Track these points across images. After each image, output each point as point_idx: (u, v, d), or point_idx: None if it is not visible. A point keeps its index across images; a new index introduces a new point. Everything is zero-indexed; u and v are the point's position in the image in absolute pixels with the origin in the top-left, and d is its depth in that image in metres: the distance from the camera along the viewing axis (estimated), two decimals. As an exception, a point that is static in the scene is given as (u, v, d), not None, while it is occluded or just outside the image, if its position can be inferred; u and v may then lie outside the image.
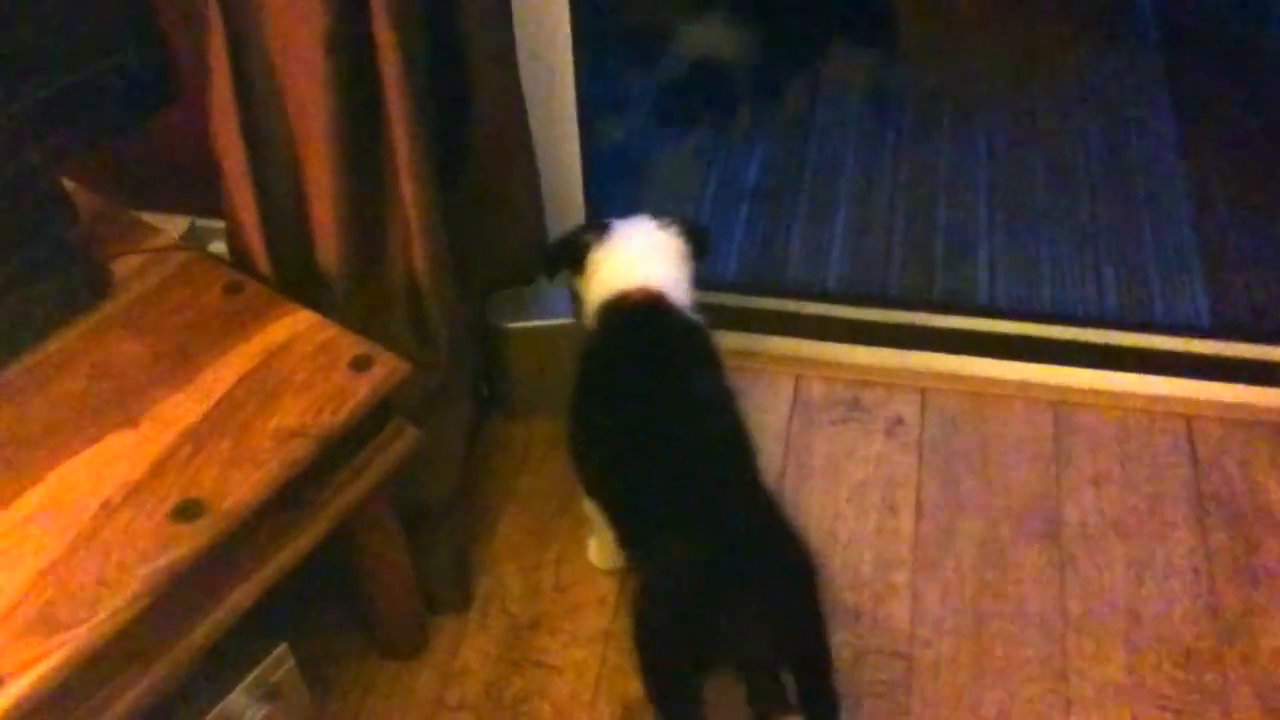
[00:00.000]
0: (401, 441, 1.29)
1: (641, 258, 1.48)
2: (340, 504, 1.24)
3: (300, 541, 1.21)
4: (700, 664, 1.24)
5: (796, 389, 1.84)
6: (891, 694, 1.46)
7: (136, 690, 1.09)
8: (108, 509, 1.09)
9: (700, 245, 1.53)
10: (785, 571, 1.24)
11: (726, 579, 1.20)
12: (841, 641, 1.51)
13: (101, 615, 1.02)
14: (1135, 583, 1.57)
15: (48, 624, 1.01)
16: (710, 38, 2.41)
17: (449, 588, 1.55)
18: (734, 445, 1.33)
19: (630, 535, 1.38)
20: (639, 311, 1.42)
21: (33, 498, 1.11)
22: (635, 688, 1.47)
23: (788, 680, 1.28)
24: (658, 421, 1.33)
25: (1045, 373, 1.83)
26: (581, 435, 1.45)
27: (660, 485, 1.29)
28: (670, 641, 1.25)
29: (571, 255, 1.51)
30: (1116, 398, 1.80)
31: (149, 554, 1.06)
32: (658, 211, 1.55)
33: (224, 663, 1.25)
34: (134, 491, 1.11)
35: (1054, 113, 2.43)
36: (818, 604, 1.25)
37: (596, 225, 1.53)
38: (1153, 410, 1.78)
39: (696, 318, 1.45)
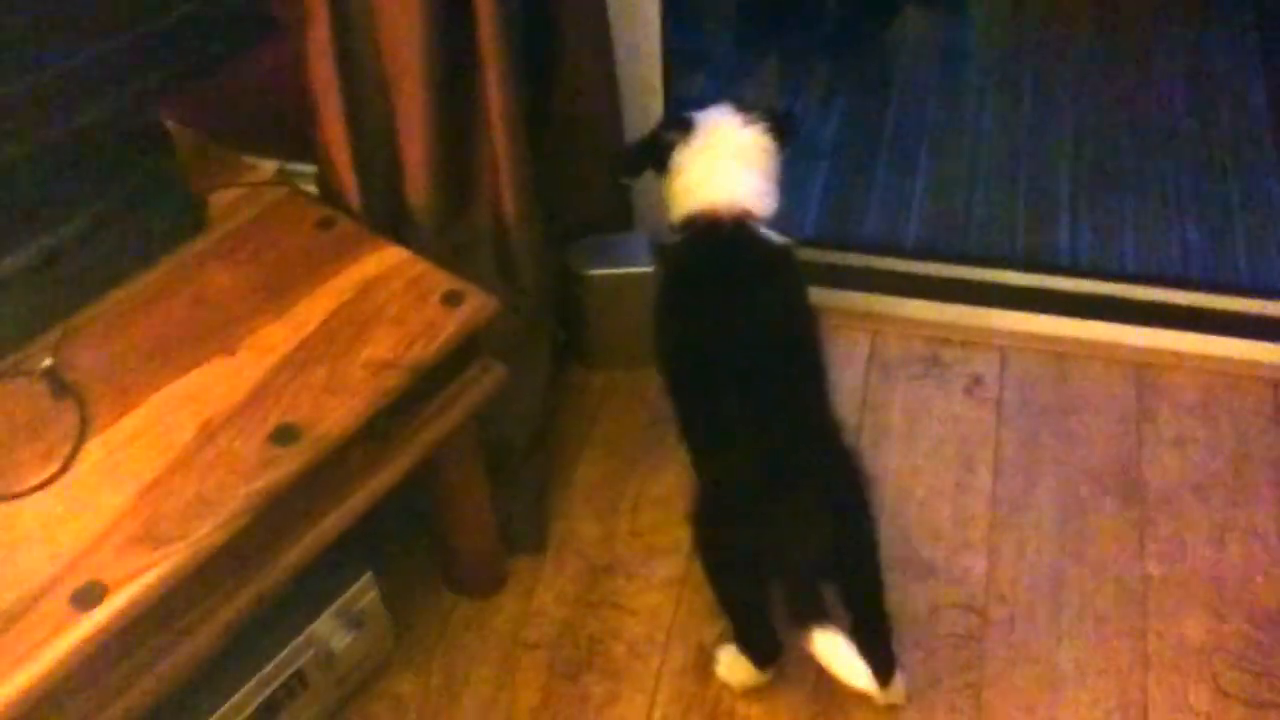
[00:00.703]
0: (488, 378, 1.31)
1: (728, 163, 1.43)
2: (427, 437, 1.26)
3: (388, 471, 1.23)
4: (751, 566, 1.27)
5: (873, 345, 1.83)
6: (966, 646, 1.46)
7: (232, 607, 1.12)
8: (208, 431, 1.12)
9: (787, 134, 1.48)
10: (835, 479, 1.27)
11: (775, 483, 1.22)
12: (917, 594, 1.51)
13: (202, 531, 1.05)
14: (1216, 545, 1.55)
15: (151, 538, 1.04)
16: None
17: (527, 529, 1.57)
18: (805, 363, 1.35)
19: (696, 440, 1.39)
20: (725, 236, 1.40)
21: (134, 420, 1.14)
22: (709, 632, 1.49)
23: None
24: (734, 335, 1.34)
25: (1127, 333, 1.81)
26: (663, 340, 1.46)
27: (728, 394, 1.30)
28: (722, 542, 1.29)
29: (654, 155, 1.47)
30: (1200, 360, 1.78)
31: (248, 475, 1.09)
32: (741, 102, 1.48)
33: (312, 588, 1.28)
34: (233, 415, 1.14)
35: (1140, 73, 2.39)
36: (867, 515, 1.28)
37: (679, 121, 1.47)
38: (1237, 373, 1.76)
39: (782, 240, 1.43)
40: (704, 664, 1.46)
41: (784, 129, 1.48)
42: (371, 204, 1.38)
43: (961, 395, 1.76)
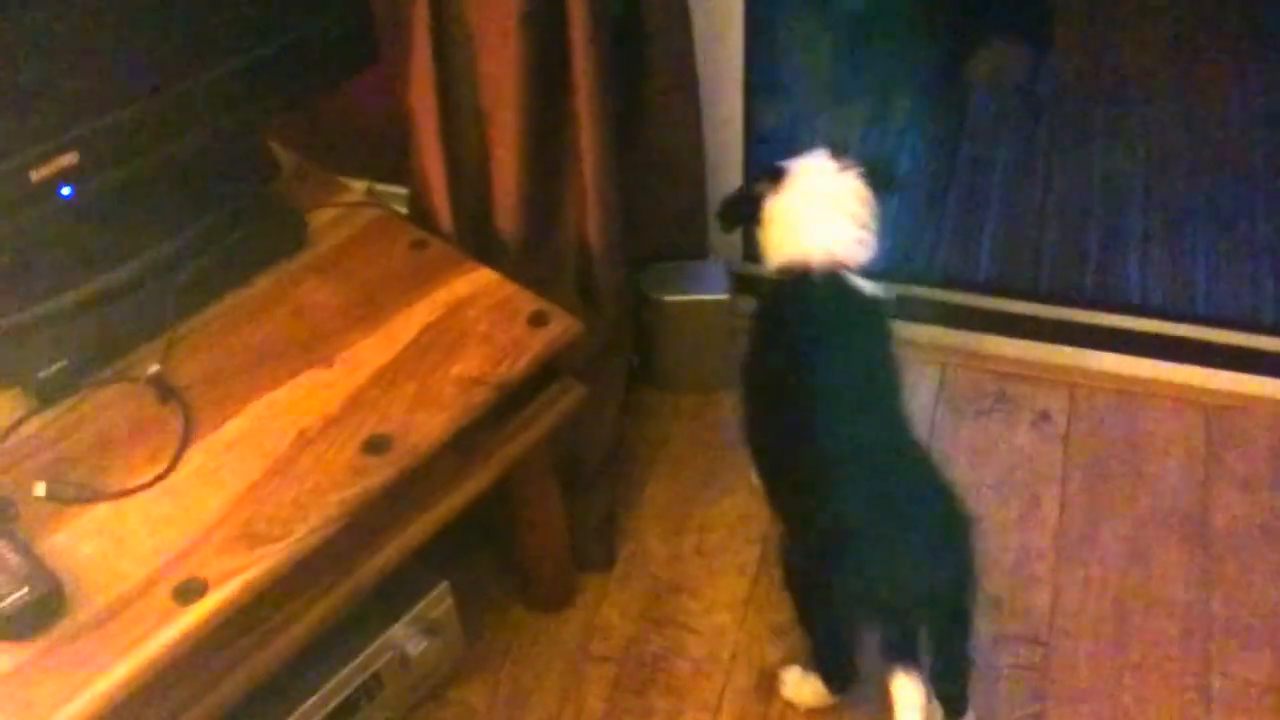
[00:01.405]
0: (569, 398, 1.35)
1: (818, 213, 1.44)
2: (509, 452, 1.31)
3: (471, 484, 1.28)
4: (852, 607, 1.28)
5: (943, 378, 1.86)
6: (1028, 679, 1.48)
7: (320, 608, 1.17)
8: (304, 439, 1.18)
9: (884, 182, 1.48)
10: (941, 522, 1.27)
11: (884, 527, 1.23)
12: (980, 626, 1.52)
13: (297, 535, 1.10)
14: (1292, 590, 1.55)
15: (249, 539, 1.09)
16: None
17: (597, 546, 1.61)
18: (893, 409, 1.36)
19: (786, 483, 1.41)
20: (817, 286, 1.41)
21: (235, 426, 1.20)
22: (773, 653, 1.52)
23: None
24: (826, 384, 1.36)
25: (1197, 375, 1.81)
26: (751, 382, 1.48)
27: (825, 439, 1.32)
28: (822, 584, 1.29)
29: (747, 207, 1.49)
30: (1270, 404, 1.78)
31: (341, 482, 1.14)
32: (836, 147, 1.49)
33: (391, 595, 1.33)
34: (328, 425, 1.19)
35: (1216, 114, 2.38)
36: (970, 558, 1.27)
37: (770, 171, 1.48)
38: (1311, 419, 1.76)
39: (874, 292, 1.44)
40: (767, 684, 1.49)
41: (879, 176, 1.48)
42: (462, 227, 1.44)
43: (1029, 430, 1.77)
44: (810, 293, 1.42)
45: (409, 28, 1.32)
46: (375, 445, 1.16)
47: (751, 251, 1.90)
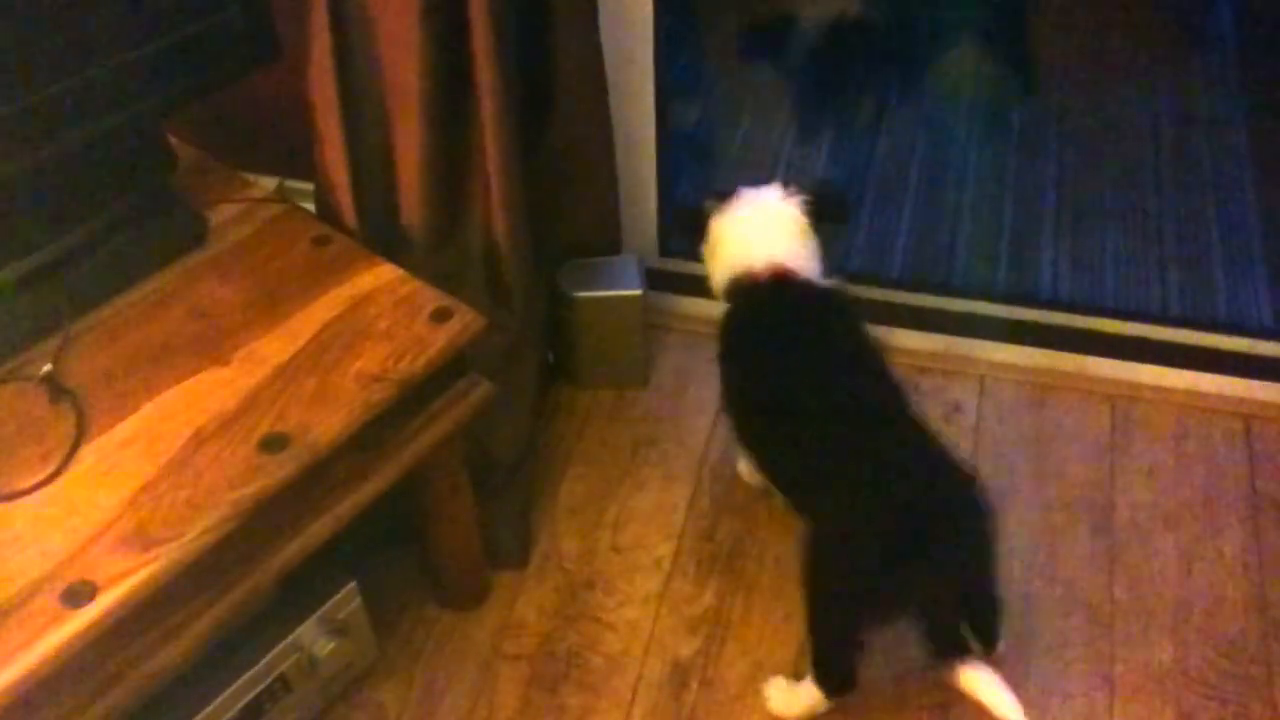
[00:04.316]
0: (475, 394, 1.35)
1: (760, 231, 1.47)
2: (414, 450, 1.30)
3: (374, 482, 1.27)
4: (885, 608, 1.32)
5: (856, 371, 1.87)
6: (934, 668, 1.49)
7: (217, 610, 1.15)
8: (200, 438, 1.16)
9: (833, 213, 1.51)
10: (966, 515, 1.29)
11: (919, 525, 1.25)
12: (889, 615, 1.55)
13: (191, 535, 1.08)
14: (1184, 574, 1.58)
15: (141, 540, 1.07)
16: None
17: (511, 543, 1.61)
18: (890, 393, 1.37)
19: (801, 496, 1.43)
20: (769, 289, 1.43)
21: (129, 426, 1.18)
22: (686, 646, 1.52)
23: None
24: (811, 382, 1.37)
25: (1105, 366, 1.85)
26: (738, 408, 1.49)
27: (825, 442, 1.33)
28: (853, 587, 1.31)
29: (694, 222, 1.52)
30: (1175, 394, 1.81)
31: (237, 481, 1.12)
32: (791, 178, 1.52)
33: (297, 595, 1.32)
34: (225, 424, 1.17)
35: (1124, 113, 2.43)
36: (987, 518, 1.31)
37: (720, 193, 1.51)
38: (1211, 408, 1.79)
39: (828, 281, 1.45)
40: (680, 677, 1.49)
41: (829, 207, 1.49)
42: (367, 223, 1.42)
43: (940, 422, 1.79)
44: (766, 296, 1.43)
45: (309, 21, 1.30)
46: (272, 443, 1.15)
47: (667, 248, 1.92)
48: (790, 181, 1.51)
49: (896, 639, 1.46)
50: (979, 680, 1.31)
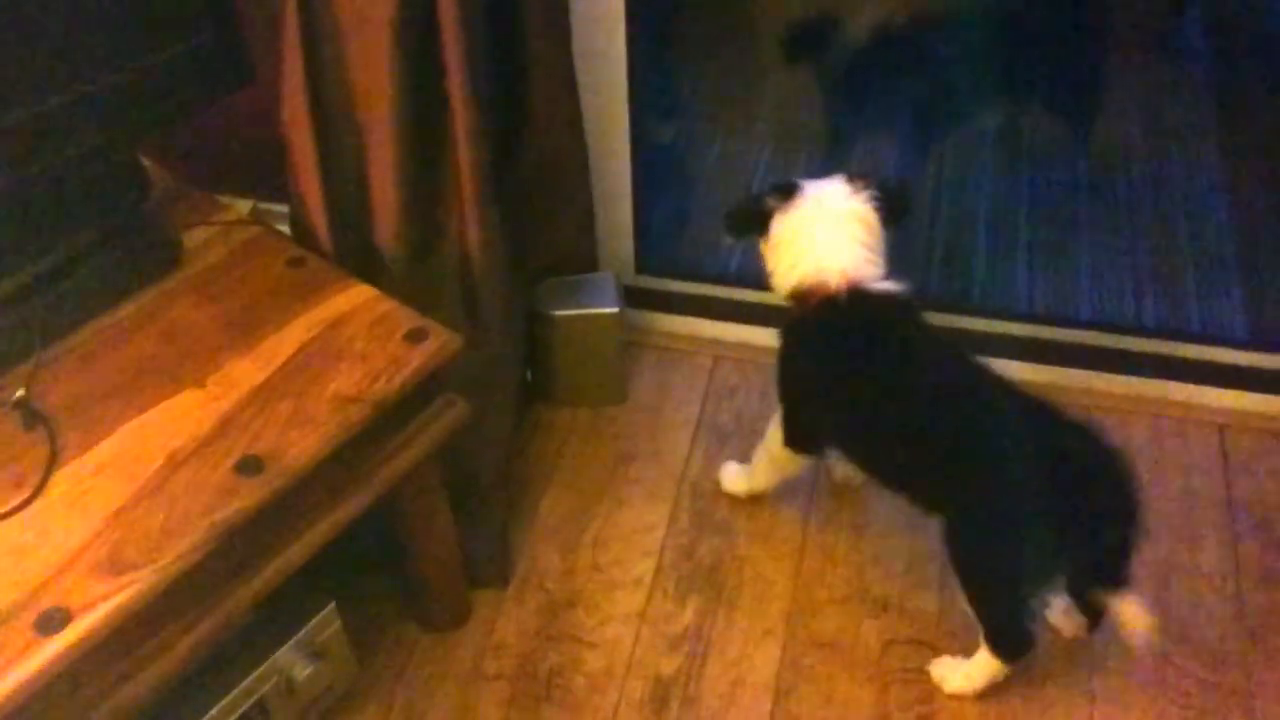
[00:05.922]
0: (452, 414, 1.34)
1: (828, 234, 1.40)
2: (392, 470, 1.30)
3: (351, 504, 1.26)
4: (1060, 570, 1.40)
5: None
6: (918, 681, 1.50)
7: (194, 635, 1.15)
8: (174, 462, 1.15)
9: (896, 209, 1.44)
10: (1110, 459, 1.34)
11: (1071, 485, 1.31)
12: (869, 629, 1.55)
13: (166, 559, 1.07)
14: (1161, 584, 1.59)
15: (116, 565, 1.07)
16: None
17: (491, 563, 1.60)
18: (988, 377, 1.39)
19: (935, 495, 1.43)
20: (846, 302, 1.38)
21: (103, 450, 1.17)
22: (667, 664, 1.52)
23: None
24: (919, 389, 1.39)
25: (1079, 377, 1.86)
26: (846, 435, 1.51)
27: (958, 437, 1.36)
28: (1029, 563, 1.36)
29: (756, 219, 1.45)
30: (1150, 404, 1.83)
31: (212, 505, 1.12)
32: (854, 173, 1.45)
33: (276, 619, 1.31)
34: (200, 447, 1.17)
35: (1099, 127, 2.45)
36: (1128, 465, 1.34)
37: (782, 187, 1.43)
38: (1185, 417, 1.81)
39: (898, 287, 1.41)
40: (661, 695, 1.49)
41: (893, 203, 1.44)
42: (341, 243, 1.42)
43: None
44: (853, 310, 1.39)
45: (281, 42, 1.31)
46: (248, 466, 1.14)
47: (642, 264, 1.92)
48: (854, 175, 1.44)
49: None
50: (1139, 611, 1.38)
